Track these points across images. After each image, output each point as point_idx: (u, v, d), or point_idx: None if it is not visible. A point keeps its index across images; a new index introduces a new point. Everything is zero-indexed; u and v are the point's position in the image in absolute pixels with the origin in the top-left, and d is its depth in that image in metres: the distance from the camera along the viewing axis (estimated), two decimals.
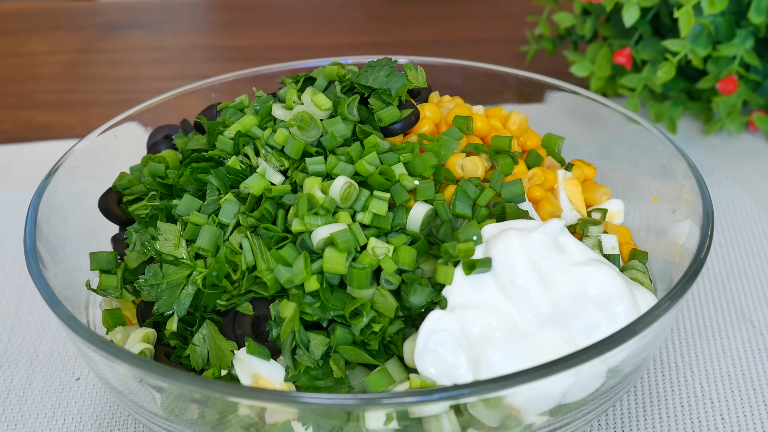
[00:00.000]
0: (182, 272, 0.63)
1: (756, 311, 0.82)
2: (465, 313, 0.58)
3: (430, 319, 0.58)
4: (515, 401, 0.56)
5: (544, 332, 0.59)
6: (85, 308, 0.71)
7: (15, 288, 0.88)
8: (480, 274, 0.60)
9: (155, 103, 0.85)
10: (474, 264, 0.59)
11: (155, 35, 1.54)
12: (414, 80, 0.74)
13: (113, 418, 0.72)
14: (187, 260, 0.63)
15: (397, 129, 0.70)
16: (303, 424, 0.56)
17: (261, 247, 0.62)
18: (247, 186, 0.65)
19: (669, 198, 0.75)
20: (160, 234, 0.65)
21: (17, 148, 1.13)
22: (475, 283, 0.60)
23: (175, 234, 0.64)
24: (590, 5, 1.16)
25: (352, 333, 0.59)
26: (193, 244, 0.64)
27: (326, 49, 1.44)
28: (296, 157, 0.67)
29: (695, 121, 1.14)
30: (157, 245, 0.64)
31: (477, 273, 0.60)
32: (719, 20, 0.98)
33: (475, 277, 0.60)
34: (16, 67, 1.44)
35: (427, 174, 0.66)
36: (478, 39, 1.47)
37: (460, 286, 0.60)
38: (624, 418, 0.71)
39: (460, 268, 0.60)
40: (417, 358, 0.58)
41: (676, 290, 0.58)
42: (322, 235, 0.61)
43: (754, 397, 0.72)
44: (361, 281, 0.59)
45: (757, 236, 0.92)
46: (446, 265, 0.60)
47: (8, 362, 0.79)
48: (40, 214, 0.68)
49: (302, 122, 0.67)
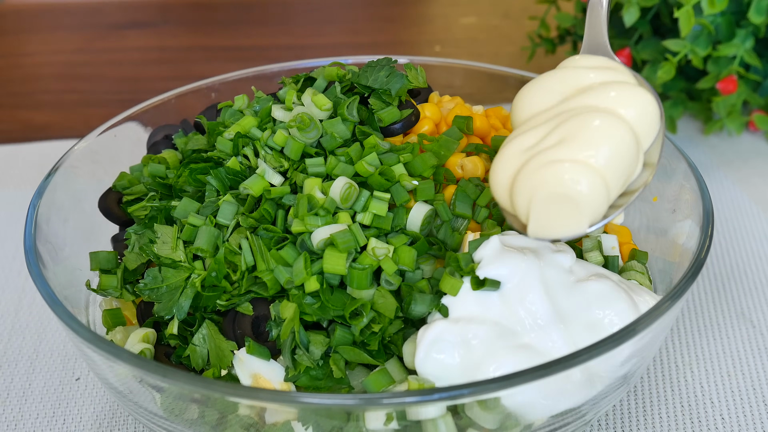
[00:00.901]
0: (181, 275, 0.63)
1: (756, 311, 0.82)
2: (468, 326, 0.58)
3: (434, 329, 0.58)
4: (522, 410, 0.56)
5: (546, 345, 0.58)
6: (85, 308, 0.71)
7: (15, 288, 0.88)
8: (487, 291, 0.60)
9: (155, 103, 0.85)
10: (483, 282, 0.59)
11: (155, 35, 1.54)
12: (414, 80, 0.74)
13: (113, 418, 0.72)
14: (185, 263, 0.63)
15: (396, 129, 0.70)
16: (303, 424, 0.56)
17: (261, 248, 0.62)
18: (247, 187, 0.65)
19: (669, 198, 0.75)
20: (157, 237, 0.65)
21: (17, 148, 1.13)
22: (481, 297, 0.60)
23: (173, 237, 0.64)
24: None
25: (352, 333, 0.59)
26: (192, 245, 0.64)
27: (326, 49, 1.45)
28: (296, 158, 0.67)
29: (695, 121, 1.14)
30: (155, 248, 0.64)
31: (484, 290, 0.60)
32: (719, 20, 0.98)
33: (481, 293, 0.60)
34: (16, 67, 1.44)
35: (427, 174, 0.66)
36: (478, 39, 1.47)
37: (465, 299, 0.59)
38: (624, 418, 0.71)
39: (467, 281, 0.60)
40: (419, 366, 0.58)
41: (676, 290, 0.58)
42: (322, 235, 0.61)
43: (754, 397, 0.72)
44: (361, 282, 0.59)
45: (757, 236, 0.92)
46: (453, 276, 0.60)
47: (8, 362, 0.79)
48: (40, 214, 0.68)
49: (302, 123, 0.67)
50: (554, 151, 0.58)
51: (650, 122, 0.61)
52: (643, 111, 0.61)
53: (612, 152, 0.58)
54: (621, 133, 0.58)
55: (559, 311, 0.59)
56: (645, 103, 0.61)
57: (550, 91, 0.64)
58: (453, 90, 0.82)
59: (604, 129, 0.58)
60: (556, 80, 0.64)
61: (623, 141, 0.58)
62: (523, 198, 0.58)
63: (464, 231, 0.65)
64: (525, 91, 0.65)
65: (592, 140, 0.57)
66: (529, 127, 0.61)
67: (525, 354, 0.57)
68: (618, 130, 0.58)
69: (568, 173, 0.57)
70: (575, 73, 0.64)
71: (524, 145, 0.60)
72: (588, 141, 0.57)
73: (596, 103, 0.60)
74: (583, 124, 0.58)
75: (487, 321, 0.58)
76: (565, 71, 0.65)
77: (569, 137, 0.58)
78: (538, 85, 0.65)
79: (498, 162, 0.60)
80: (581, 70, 0.64)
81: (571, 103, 0.61)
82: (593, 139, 0.57)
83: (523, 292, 0.59)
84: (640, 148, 0.60)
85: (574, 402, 0.58)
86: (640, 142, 0.60)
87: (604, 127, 0.58)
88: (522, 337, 0.58)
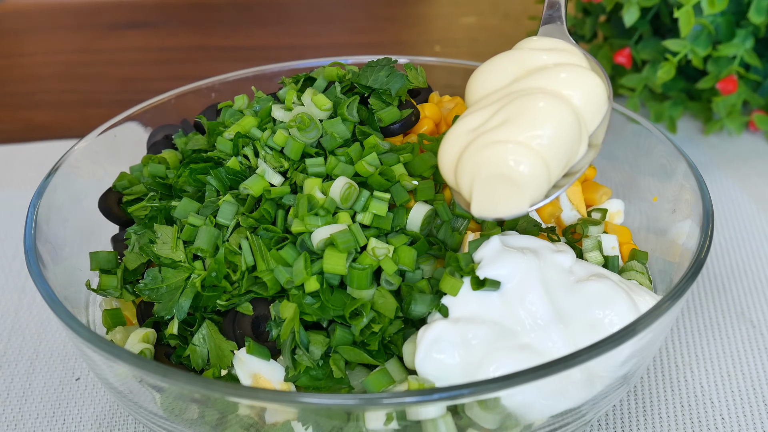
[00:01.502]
0: (180, 275, 0.63)
1: (756, 311, 0.82)
2: (468, 327, 0.58)
3: (434, 329, 0.58)
4: (523, 411, 0.56)
5: (546, 345, 0.58)
6: (85, 308, 0.71)
7: (15, 288, 0.88)
8: (487, 291, 0.60)
9: (155, 103, 0.85)
10: (483, 282, 0.59)
11: (155, 35, 1.54)
12: (414, 80, 0.74)
13: (113, 418, 0.72)
14: (185, 263, 0.63)
15: (396, 129, 0.70)
16: (303, 425, 0.56)
17: (261, 248, 0.62)
18: (247, 187, 0.65)
19: (669, 198, 0.75)
20: (157, 237, 0.65)
21: (17, 148, 1.13)
22: (481, 297, 0.60)
23: (173, 237, 0.64)
24: (590, 5, 1.16)
25: (352, 333, 0.59)
26: (192, 245, 0.64)
27: (326, 49, 1.45)
28: (296, 158, 0.67)
29: (695, 121, 1.14)
30: (155, 248, 0.64)
31: (484, 291, 0.60)
32: (719, 20, 0.98)
33: (481, 293, 0.60)
34: (16, 67, 1.44)
35: (427, 174, 0.66)
36: (478, 39, 1.47)
37: (465, 299, 0.59)
38: (624, 418, 0.71)
39: (467, 281, 0.60)
40: (419, 366, 0.58)
41: (676, 290, 0.58)
42: (322, 235, 0.61)
43: (754, 397, 0.72)
44: (361, 282, 0.59)
45: (757, 236, 0.92)
46: (453, 276, 0.60)
47: (8, 362, 0.79)
48: (40, 214, 0.68)
49: (302, 123, 0.67)
50: (497, 131, 0.58)
51: (596, 104, 0.62)
52: (590, 93, 0.61)
53: (554, 134, 0.58)
54: (564, 115, 0.59)
55: (559, 311, 0.59)
56: (592, 86, 0.62)
57: (502, 71, 0.64)
58: (453, 90, 0.82)
59: (548, 111, 0.58)
60: (509, 61, 0.65)
61: (566, 123, 0.59)
62: (466, 177, 0.59)
63: (464, 231, 0.65)
64: (478, 71, 0.66)
65: (535, 122, 0.58)
66: (478, 108, 0.61)
67: (525, 354, 0.57)
68: (561, 112, 0.59)
69: (509, 154, 0.57)
70: (529, 55, 0.65)
71: (471, 125, 0.60)
72: (531, 122, 0.58)
73: (544, 85, 0.61)
74: (527, 106, 0.59)
75: (487, 321, 0.58)
76: (519, 53, 0.65)
77: (513, 118, 0.58)
78: (492, 65, 0.65)
79: (444, 142, 0.61)
80: (535, 52, 0.65)
81: (520, 84, 0.62)
82: (536, 121, 0.58)
83: (524, 292, 0.59)
84: (585, 130, 0.61)
85: (574, 402, 0.58)
86: (585, 124, 0.61)
87: (548, 109, 0.58)
88: (522, 337, 0.58)
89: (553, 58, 0.64)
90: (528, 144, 0.57)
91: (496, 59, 0.65)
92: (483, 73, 0.65)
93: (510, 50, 0.66)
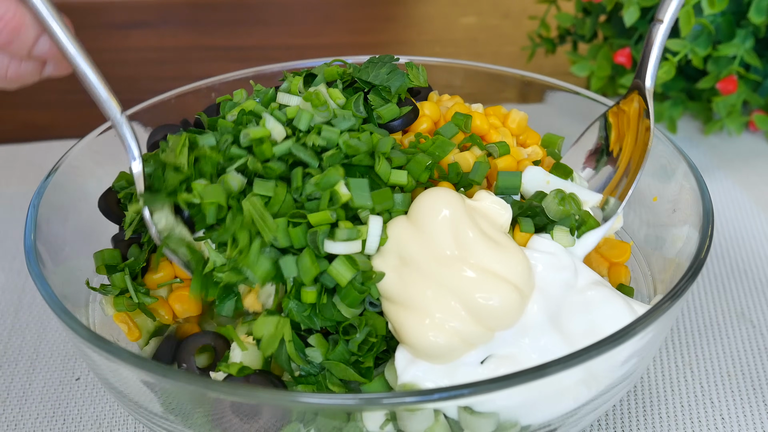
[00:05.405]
0: (178, 177, 0.62)
1: (756, 311, 0.82)
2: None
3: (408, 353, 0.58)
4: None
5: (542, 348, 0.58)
6: (85, 308, 0.71)
7: (15, 288, 0.88)
8: None
9: (155, 103, 0.85)
10: None
11: (155, 35, 1.54)
12: (415, 79, 0.74)
13: (113, 418, 0.72)
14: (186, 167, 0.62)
15: (396, 126, 0.70)
16: (304, 425, 0.56)
17: (262, 214, 0.60)
18: (249, 133, 0.62)
19: (669, 198, 0.75)
20: (168, 146, 0.64)
21: (17, 148, 1.13)
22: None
23: (179, 143, 0.63)
24: (590, 5, 1.16)
25: (348, 350, 0.59)
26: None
27: (327, 49, 1.45)
28: (305, 129, 0.64)
29: (695, 121, 1.14)
30: (162, 156, 0.64)
31: None
32: (719, 20, 0.98)
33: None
34: None
35: (423, 179, 0.65)
36: (478, 39, 1.47)
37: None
38: (624, 418, 0.71)
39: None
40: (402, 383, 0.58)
41: (676, 290, 0.58)
42: (336, 250, 0.59)
43: (754, 397, 0.72)
44: (354, 301, 0.59)
45: (757, 236, 0.92)
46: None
47: (8, 362, 0.79)
48: (40, 214, 0.68)
49: (317, 99, 0.66)
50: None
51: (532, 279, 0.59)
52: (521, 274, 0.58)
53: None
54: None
55: (556, 318, 0.59)
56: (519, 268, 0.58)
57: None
58: (453, 90, 0.82)
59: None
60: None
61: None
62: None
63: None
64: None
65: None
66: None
67: (512, 360, 0.57)
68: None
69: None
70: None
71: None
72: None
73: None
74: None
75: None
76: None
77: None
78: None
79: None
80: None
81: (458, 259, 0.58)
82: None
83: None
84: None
85: (574, 402, 0.58)
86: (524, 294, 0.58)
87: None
88: (511, 347, 0.58)
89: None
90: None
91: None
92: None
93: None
